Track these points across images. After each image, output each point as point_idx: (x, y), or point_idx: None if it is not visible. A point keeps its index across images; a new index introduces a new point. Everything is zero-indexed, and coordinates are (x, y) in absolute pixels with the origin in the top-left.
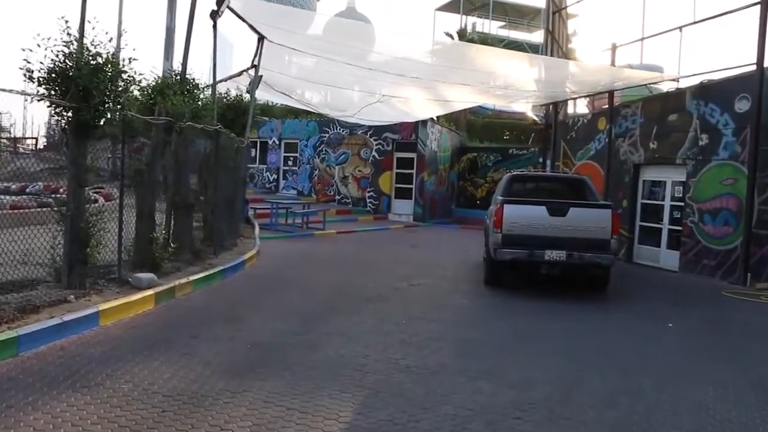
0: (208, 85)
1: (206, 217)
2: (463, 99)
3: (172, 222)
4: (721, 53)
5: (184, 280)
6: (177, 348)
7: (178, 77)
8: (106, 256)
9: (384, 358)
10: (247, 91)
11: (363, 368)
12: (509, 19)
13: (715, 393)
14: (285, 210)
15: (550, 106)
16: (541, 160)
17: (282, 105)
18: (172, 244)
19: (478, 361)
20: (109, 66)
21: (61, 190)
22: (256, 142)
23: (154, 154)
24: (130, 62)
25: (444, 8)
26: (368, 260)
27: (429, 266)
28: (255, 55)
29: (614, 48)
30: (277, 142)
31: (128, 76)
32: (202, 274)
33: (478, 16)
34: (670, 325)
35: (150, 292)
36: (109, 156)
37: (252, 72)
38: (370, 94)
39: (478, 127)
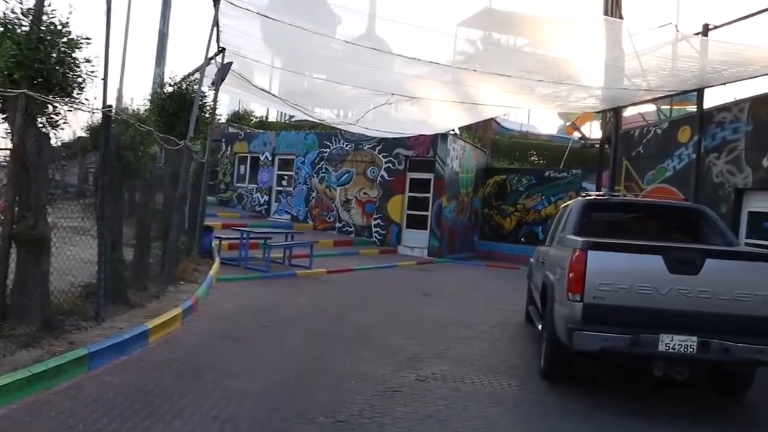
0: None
1: (101, 257)
2: (497, 101)
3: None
4: None
5: None
6: None
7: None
8: None
9: None
10: (212, 83)
11: None
12: None
13: None
14: (263, 240)
15: (608, 114)
16: (585, 185)
17: (275, 114)
18: None
19: None
20: None
21: None
22: (246, 157)
23: None
24: None
25: (466, 23)
26: (359, 321)
27: (448, 333)
28: (212, 28)
29: (706, 31)
30: (270, 158)
31: None
32: (23, 373)
33: (502, 32)
34: None
35: None
36: None
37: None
38: (376, 93)
39: (504, 148)
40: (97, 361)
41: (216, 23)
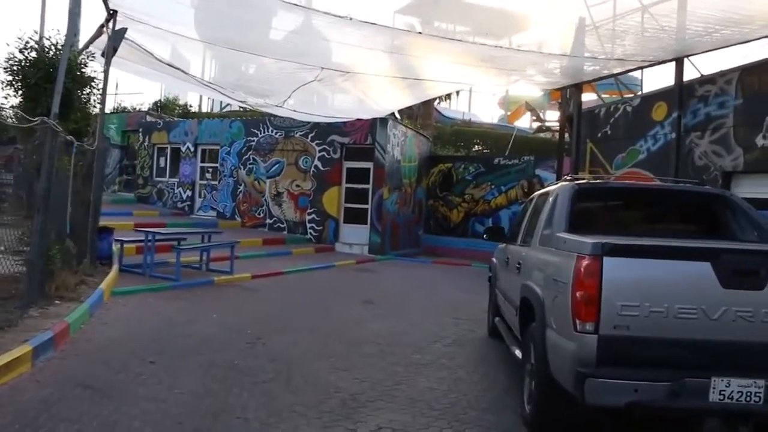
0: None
1: None
2: (445, 75)
3: None
4: None
5: None
6: None
7: None
8: None
9: None
10: (102, 54)
11: None
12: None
13: None
14: (177, 242)
15: (567, 91)
16: (538, 172)
17: (207, 103)
18: None
19: None
20: None
21: None
22: (166, 148)
23: None
24: None
25: (404, 11)
26: (281, 346)
27: (396, 358)
28: None
29: None
30: (192, 149)
31: None
32: None
33: (441, 19)
34: None
35: None
36: None
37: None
38: (304, 68)
39: (446, 136)
40: None
41: None
